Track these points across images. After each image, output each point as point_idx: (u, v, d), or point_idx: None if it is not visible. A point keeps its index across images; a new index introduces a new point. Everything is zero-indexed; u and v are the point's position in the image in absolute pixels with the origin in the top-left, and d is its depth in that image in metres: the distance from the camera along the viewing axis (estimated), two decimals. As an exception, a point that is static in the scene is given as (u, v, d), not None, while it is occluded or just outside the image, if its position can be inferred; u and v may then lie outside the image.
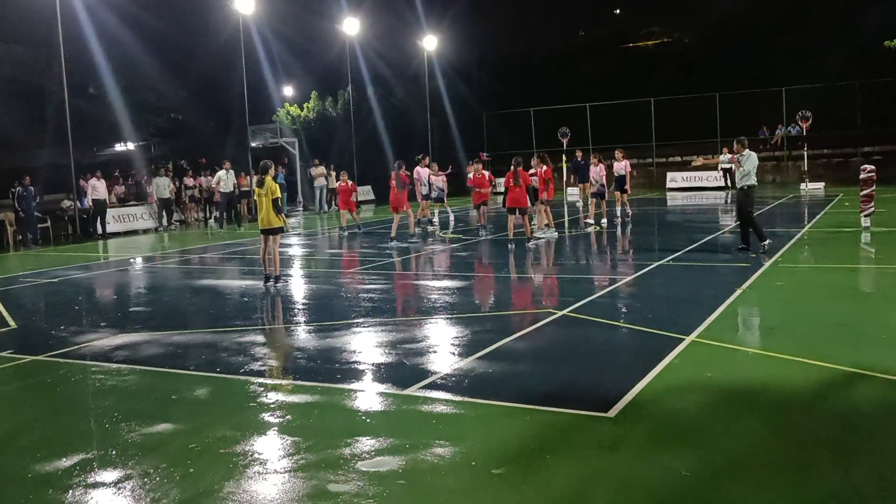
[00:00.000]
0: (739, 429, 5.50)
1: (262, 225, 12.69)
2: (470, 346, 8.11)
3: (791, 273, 11.75)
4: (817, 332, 8.08)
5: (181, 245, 21.63)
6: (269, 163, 12.85)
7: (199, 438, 5.79)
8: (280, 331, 9.64)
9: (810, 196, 28.61)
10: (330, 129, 39.36)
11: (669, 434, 5.47)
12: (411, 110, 41.50)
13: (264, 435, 5.84)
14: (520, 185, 16.59)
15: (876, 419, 5.55)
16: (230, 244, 20.54)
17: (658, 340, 7.91)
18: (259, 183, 12.52)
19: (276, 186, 12.57)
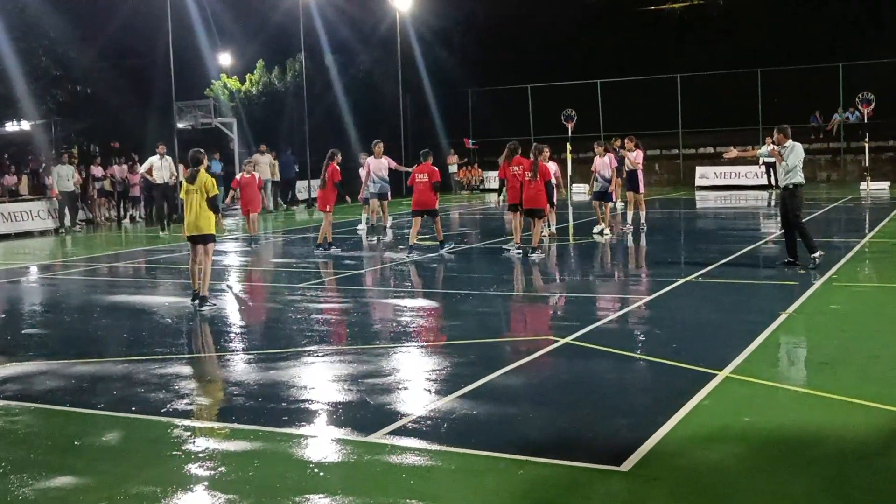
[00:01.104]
0: (784, 488, 5.53)
1: (189, 230, 12.34)
2: (450, 382, 8.11)
3: (849, 294, 11.86)
4: (881, 368, 8.15)
5: (88, 251, 21.51)
6: (202, 152, 12.63)
7: (109, 495, 5.74)
8: (212, 360, 9.61)
9: (872, 198, 28.92)
10: (278, 107, 39.31)
11: (697, 494, 5.48)
12: (380, 84, 41.51)
13: (190, 491, 5.80)
14: (537, 181, 16.27)
15: (952, 477, 5.60)
16: (152, 250, 20.45)
17: (683, 376, 7.94)
18: (190, 177, 12.25)
19: (212, 182, 12.29)
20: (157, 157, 25.25)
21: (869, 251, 15.89)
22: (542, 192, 16.32)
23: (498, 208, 17.98)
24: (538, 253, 16.38)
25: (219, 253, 18.23)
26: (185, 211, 12.50)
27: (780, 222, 14.89)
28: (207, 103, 36.82)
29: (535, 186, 16.27)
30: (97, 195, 30.29)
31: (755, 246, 17.37)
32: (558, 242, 18.18)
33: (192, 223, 12.26)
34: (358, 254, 18.09)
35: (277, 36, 41.35)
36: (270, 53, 41.10)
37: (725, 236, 20.23)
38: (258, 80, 40.43)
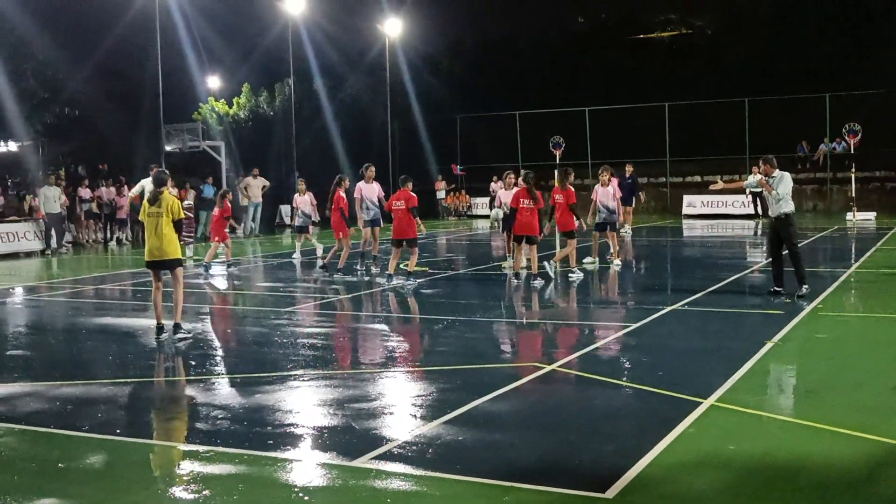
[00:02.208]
0: (768, 516, 5.56)
1: (151, 256, 11.66)
2: (435, 408, 8.12)
3: (834, 323, 11.93)
4: (866, 398, 8.19)
5: (74, 273, 21.45)
6: (167, 173, 12.24)
7: (92, 519, 5.72)
8: (197, 384, 9.58)
9: (858, 228, 29.10)
10: (266, 131, 39.38)
11: (682, 521, 5.51)
12: (369, 109, 41.64)
13: (174, 516, 5.79)
14: (533, 207, 16.39)
15: (935, 506, 5.64)
16: (138, 273, 20.41)
17: (669, 404, 7.97)
18: (153, 199, 11.57)
19: (178, 204, 11.72)
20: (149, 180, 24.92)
21: (855, 281, 15.98)
22: (536, 219, 16.43)
23: (546, 233, 17.96)
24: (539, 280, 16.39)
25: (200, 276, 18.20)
26: (146, 235, 11.81)
27: (766, 251, 14.96)
28: (195, 126, 36.90)
29: (531, 213, 16.37)
30: (84, 217, 30.24)
31: (741, 274, 17.46)
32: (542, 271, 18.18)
33: (156, 248, 11.57)
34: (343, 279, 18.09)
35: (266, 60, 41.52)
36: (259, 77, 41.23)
37: (712, 265, 20.31)
38: (245, 104, 40.50)
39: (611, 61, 48.81)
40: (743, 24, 48.14)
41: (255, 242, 29.31)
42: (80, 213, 30.13)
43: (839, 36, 43.05)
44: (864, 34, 42.51)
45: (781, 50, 44.05)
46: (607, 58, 49.26)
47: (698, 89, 40.96)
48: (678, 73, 46.33)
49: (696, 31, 55.75)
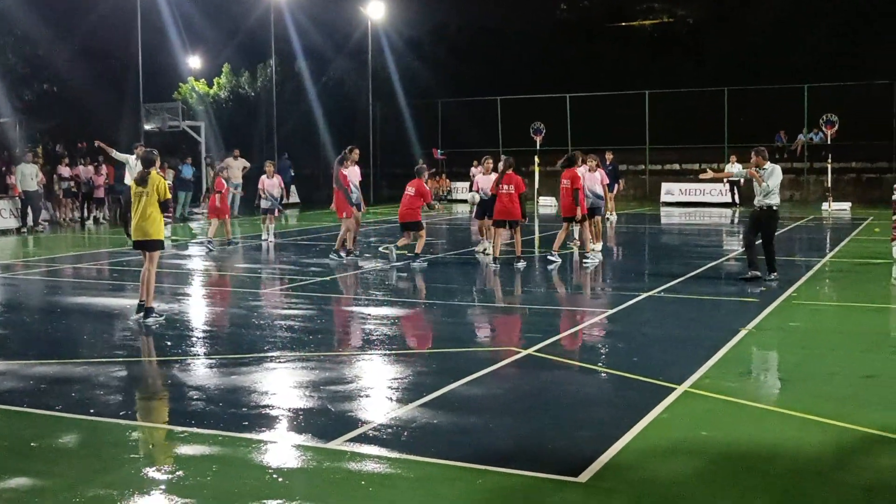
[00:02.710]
0: (741, 501, 5.58)
1: (136, 235, 11.66)
2: (411, 391, 8.11)
3: (808, 312, 12.00)
4: (838, 386, 8.24)
5: (50, 251, 21.30)
6: (154, 153, 12.14)
7: (65, 498, 5.68)
8: (173, 364, 9.53)
9: (834, 218, 29.26)
10: (248, 112, 39.18)
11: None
12: (352, 92, 41.51)
13: (148, 495, 5.75)
14: (512, 192, 16.48)
15: (903, 494, 5.68)
16: (115, 252, 20.29)
17: (643, 389, 8.00)
18: (141, 179, 11.53)
19: (164, 185, 11.70)
20: (134, 158, 24.34)
21: (829, 270, 16.07)
22: (516, 204, 16.46)
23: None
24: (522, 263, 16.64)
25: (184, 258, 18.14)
26: (132, 213, 11.80)
27: (743, 238, 15.05)
28: (176, 106, 36.60)
29: (510, 198, 16.42)
30: (62, 195, 30.00)
31: (717, 262, 17.52)
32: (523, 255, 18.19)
33: (140, 227, 11.58)
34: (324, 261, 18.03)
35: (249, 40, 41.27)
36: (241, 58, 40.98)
37: (689, 252, 20.39)
38: (226, 85, 40.25)
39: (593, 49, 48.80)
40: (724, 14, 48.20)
41: (234, 223, 29.15)
42: (59, 192, 29.88)
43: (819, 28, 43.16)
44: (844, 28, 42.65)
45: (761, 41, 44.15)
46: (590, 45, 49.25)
47: (679, 78, 41.02)
48: (659, 62, 46.38)
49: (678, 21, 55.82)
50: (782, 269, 15.09)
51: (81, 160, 31.31)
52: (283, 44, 38.73)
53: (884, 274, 15.71)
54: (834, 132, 33.09)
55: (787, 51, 42.69)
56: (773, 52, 43.15)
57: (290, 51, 40.18)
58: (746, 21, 46.04)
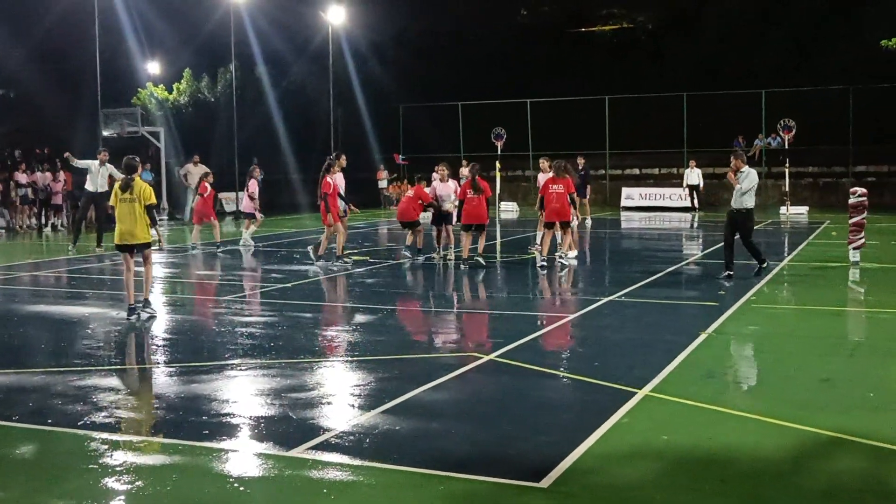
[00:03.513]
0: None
1: (122, 239, 12.02)
2: (373, 398, 8.09)
3: (766, 316, 12.12)
4: (795, 389, 8.33)
5: (6, 259, 21.01)
6: (137, 159, 12.55)
7: (21, 510, 5.62)
8: (132, 373, 9.46)
9: (792, 222, 29.60)
10: (208, 117, 38.92)
11: (614, 511, 5.56)
12: (313, 97, 41.36)
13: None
14: (480, 196, 17.07)
15: (860, 496, 5.75)
16: (73, 259, 20.07)
17: (604, 394, 8.04)
18: (124, 186, 11.95)
19: (150, 191, 12.10)
20: (97, 164, 23.90)
21: (787, 274, 16.24)
22: (484, 208, 17.13)
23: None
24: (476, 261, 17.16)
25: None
26: (117, 220, 12.09)
27: (724, 238, 15.66)
28: (134, 111, 36.25)
29: (479, 202, 17.00)
30: (19, 202, 29.61)
31: (677, 267, 17.66)
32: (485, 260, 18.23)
33: (129, 232, 11.95)
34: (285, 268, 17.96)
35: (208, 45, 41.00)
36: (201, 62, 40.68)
37: (649, 257, 20.53)
38: (186, 90, 39.97)
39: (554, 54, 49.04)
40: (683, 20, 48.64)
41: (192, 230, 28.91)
42: (16, 198, 29.50)
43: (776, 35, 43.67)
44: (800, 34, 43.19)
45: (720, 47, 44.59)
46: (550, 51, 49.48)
47: (639, 83, 41.33)
48: (619, 68, 46.70)
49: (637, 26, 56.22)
50: (741, 272, 15.28)
51: (39, 166, 30.94)
52: (243, 48, 38.51)
53: (841, 277, 15.91)
54: (791, 137, 33.46)
55: (746, 56, 43.18)
56: (732, 58, 43.61)
57: (251, 55, 39.96)
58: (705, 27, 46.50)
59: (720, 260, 14.58)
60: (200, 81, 40.17)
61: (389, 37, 48.00)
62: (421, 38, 50.02)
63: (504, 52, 48.70)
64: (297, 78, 42.16)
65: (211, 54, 40.49)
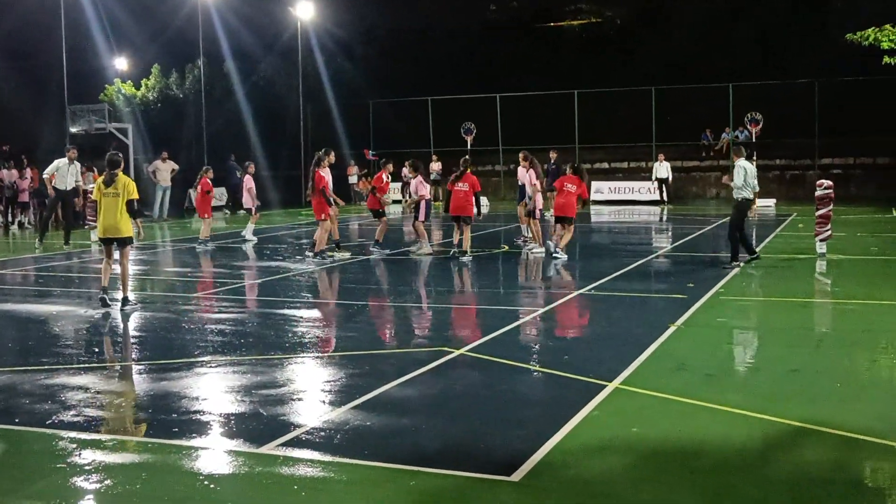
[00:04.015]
0: (670, 497, 5.65)
1: (105, 233, 12.51)
2: (344, 393, 8.08)
3: (735, 308, 12.20)
4: (764, 380, 8.40)
5: (-26, 257, 20.77)
6: (120, 154, 12.90)
7: (-12, 510, 5.56)
8: (101, 371, 9.37)
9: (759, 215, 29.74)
10: (176, 113, 38.66)
11: (585, 503, 5.57)
12: (282, 93, 41.18)
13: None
14: (466, 190, 17.55)
15: (827, 485, 5.80)
16: (40, 258, 19.88)
17: (574, 387, 8.06)
18: (108, 180, 12.34)
19: (133, 185, 12.47)
20: (66, 161, 23.68)
21: (755, 266, 16.34)
22: (470, 202, 17.52)
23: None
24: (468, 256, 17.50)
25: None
26: (98, 214, 12.59)
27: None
28: (102, 108, 35.94)
29: (465, 195, 17.49)
30: (-15, 200, 29.29)
31: (647, 260, 17.74)
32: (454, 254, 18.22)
33: (112, 226, 12.39)
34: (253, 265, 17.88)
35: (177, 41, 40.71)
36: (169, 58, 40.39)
37: (618, 250, 20.61)
38: (154, 86, 39.68)
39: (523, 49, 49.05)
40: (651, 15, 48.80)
41: (163, 227, 28.77)
42: (-18, 196, 29.18)
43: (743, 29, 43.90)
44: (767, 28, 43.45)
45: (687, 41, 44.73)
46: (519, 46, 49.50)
47: (607, 78, 41.42)
48: (588, 62, 46.77)
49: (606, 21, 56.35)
50: (710, 266, 15.39)
51: (5, 164, 30.59)
52: (211, 44, 38.26)
53: (808, 269, 16.04)
54: (758, 130, 33.71)
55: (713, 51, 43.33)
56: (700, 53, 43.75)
57: (219, 51, 39.71)
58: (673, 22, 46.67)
59: (689, 253, 14.68)
60: (169, 77, 39.89)
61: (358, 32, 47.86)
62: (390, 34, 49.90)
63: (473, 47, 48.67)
64: (266, 74, 41.96)
65: (179, 50, 40.20)
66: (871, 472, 6.10)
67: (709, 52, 43.21)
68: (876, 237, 21.33)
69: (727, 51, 42.91)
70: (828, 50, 36.02)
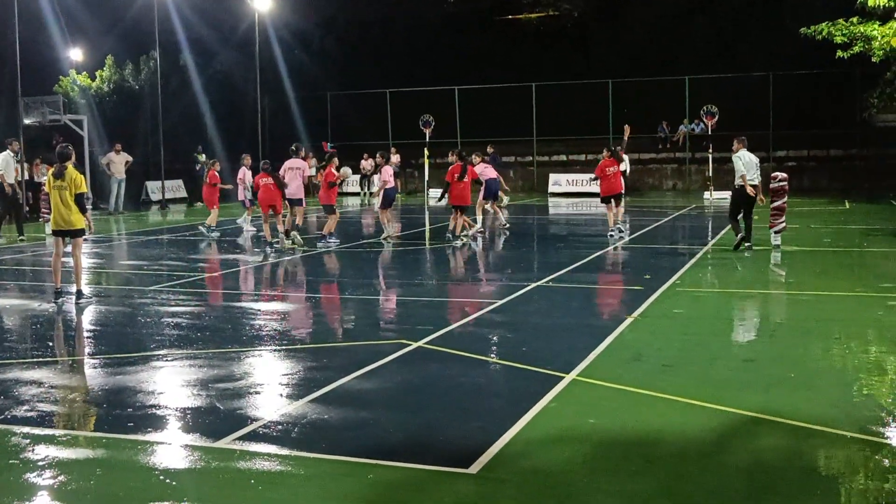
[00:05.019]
0: (627, 487, 5.67)
1: (56, 225, 12.55)
2: (301, 386, 8.03)
3: (691, 298, 12.29)
4: (720, 370, 8.46)
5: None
6: (70, 147, 12.87)
7: (-62, 508, 5.45)
8: (54, 365, 9.24)
9: (715, 207, 30.04)
10: (132, 105, 38.20)
11: (543, 494, 5.57)
12: (240, 85, 40.83)
13: (28, 502, 5.57)
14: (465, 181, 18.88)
15: (781, 473, 5.85)
16: (-8, 250, 19.57)
17: (532, 379, 8.07)
18: (58, 173, 12.42)
19: (81, 178, 12.51)
20: (10, 154, 23.30)
21: (711, 258, 16.48)
22: (468, 191, 19.01)
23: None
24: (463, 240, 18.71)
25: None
26: (52, 206, 12.65)
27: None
28: (56, 99, 35.39)
29: (464, 186, 18.82)
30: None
31: (604, 251, 17.81)
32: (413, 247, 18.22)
33: (62, 218, 12.43)
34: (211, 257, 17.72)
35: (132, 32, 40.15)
36: (125, 50, 39.87)
37: (576, 242, 20.70)
38: (109, 77, 39.17)
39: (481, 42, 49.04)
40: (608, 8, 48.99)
41: (119, 220, 28.43)
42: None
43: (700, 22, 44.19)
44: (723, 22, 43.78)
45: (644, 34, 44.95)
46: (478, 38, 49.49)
47: (565, 71, 41.57)
48: (546, 55, 46.89)
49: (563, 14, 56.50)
50: (667, 257, 15.49)
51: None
52: (167, 35, 37.78)
53: (763, 260, 16.19)
54: (714, 123, 33.96)
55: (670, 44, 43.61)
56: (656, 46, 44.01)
57: (175, 42, 39.28)
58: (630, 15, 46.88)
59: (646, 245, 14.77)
60: (124, 69, 39.39)
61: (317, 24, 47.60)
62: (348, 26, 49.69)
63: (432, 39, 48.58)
64: (224, 66, 41.59)
65: (134, 41, 39.67)
66: (824, 460, 6.16)
67: (665, 46, 43.49)
68: (829, 228, 21.59)
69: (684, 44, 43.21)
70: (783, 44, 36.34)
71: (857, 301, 11.94)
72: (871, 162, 37.42)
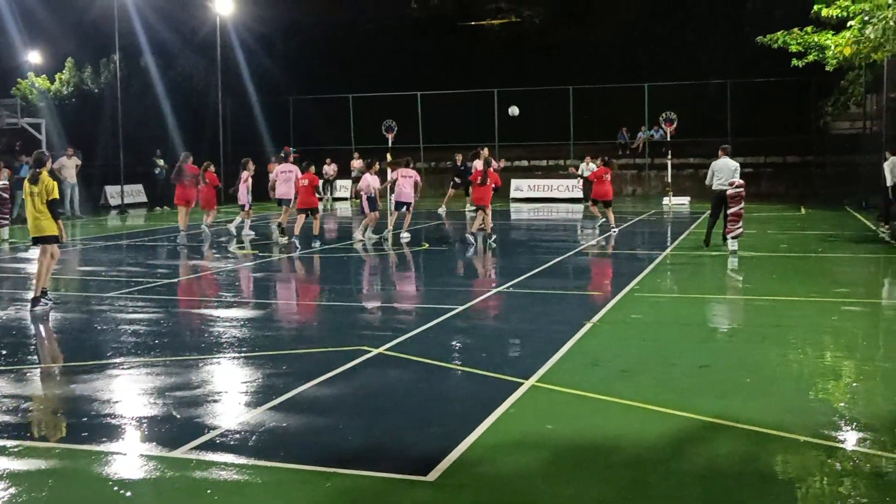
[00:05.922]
0: (585, 492, 5.68)
1: (32, 232, 12.41)
2: (259, 394, 7.96)
3: (650, 304, 12.33)
4: (676, 376, 8.49)
5: None
6: (46, 153, 12.80)
7: None
8: (7, 374, 9.08)
9: (674, 212, 30.26)
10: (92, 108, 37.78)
11: (501, 500, 5.56)
12: (202, 88, 40.54)
13: (-22, 514, 5.46)
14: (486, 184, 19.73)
15: (738, 478, 5.88)
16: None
17: (491, 385, 8.05)
18: (32, 178, 12.23)
19: (53, 185, 12.27)
20: None
21: (669, 263, 16.58)
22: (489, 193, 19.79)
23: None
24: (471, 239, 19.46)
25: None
26: (27, 212, 12.48)
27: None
28: (13, 102, 34.92)
29: (485, 188, 19.61)
30: None
31: (564, 257, 17.84)
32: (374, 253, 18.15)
33: (34, 225, 12.28)
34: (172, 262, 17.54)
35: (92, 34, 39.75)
36: (84, 52, 39.45)
37: (537, 247, 20.73)
38: (68, 80, 38.73)
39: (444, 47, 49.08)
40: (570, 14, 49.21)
41: (77, 225, 28.08)
42: None
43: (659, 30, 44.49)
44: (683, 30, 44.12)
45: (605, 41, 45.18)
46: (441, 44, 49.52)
47: (526, 76, 41.68)
48: (508, 61, 47.00)
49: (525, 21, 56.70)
50: (626, 262, 15.54)
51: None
52: (128, 38, 37.42)
53: (720, 266, 16.31)
54: (673, 129, 34.14)
55: (630, 51, 43.92)
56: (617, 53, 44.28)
57: (136, 45, 38.90)
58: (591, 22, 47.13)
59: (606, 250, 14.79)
60: (83, 72, 38.96)
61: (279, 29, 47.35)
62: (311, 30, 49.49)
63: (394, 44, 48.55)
64: (185, 69, 41.24)
65: (95, 44, 39.25)
66: (780, 465, 6.20)
67: (626, 52, 43.78)
68: (785, 234, 21.81)
69: (644, 50, 43.52)
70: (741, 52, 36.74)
71: (812, 306, 12.06)
72: (827, 168, 37.87)
